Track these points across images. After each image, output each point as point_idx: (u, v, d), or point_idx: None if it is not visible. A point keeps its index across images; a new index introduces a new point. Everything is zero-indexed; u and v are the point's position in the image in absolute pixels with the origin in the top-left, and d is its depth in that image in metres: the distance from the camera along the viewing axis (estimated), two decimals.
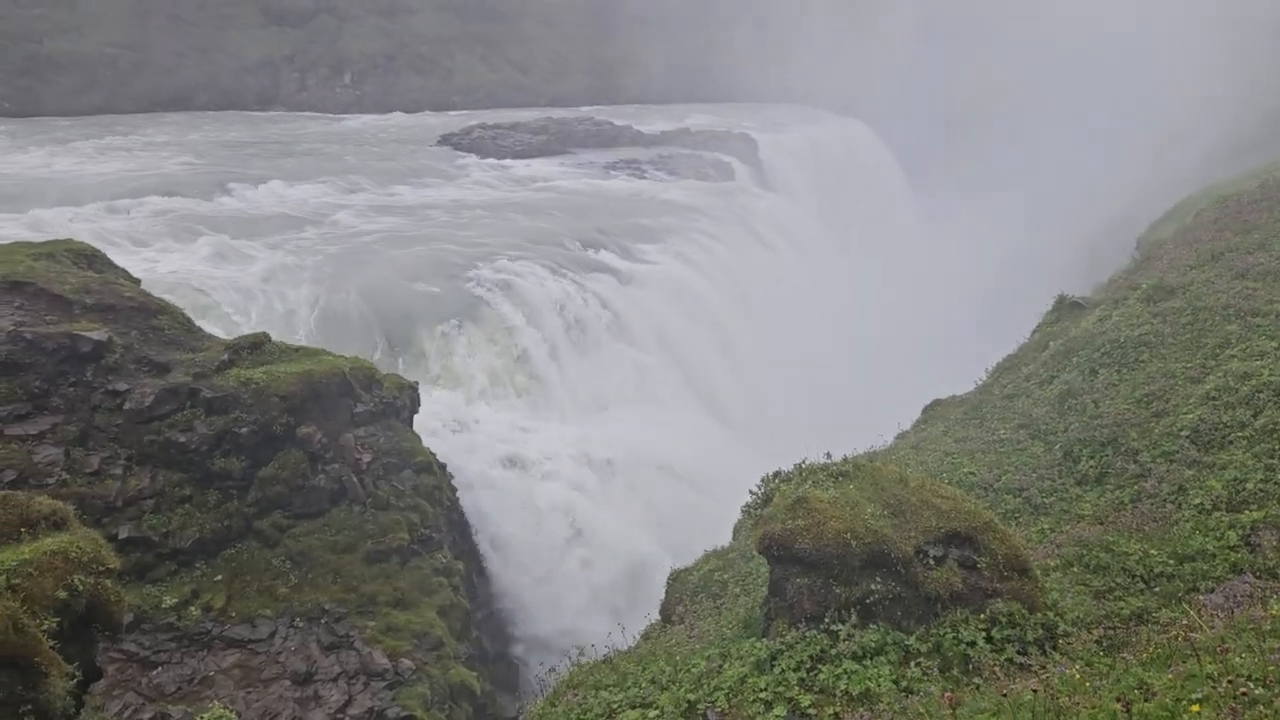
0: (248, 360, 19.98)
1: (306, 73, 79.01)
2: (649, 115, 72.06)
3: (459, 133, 59.97)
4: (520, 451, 24.93)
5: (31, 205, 35.96)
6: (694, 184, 49.37)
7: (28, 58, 68.92)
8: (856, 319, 42.52)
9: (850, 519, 9.71)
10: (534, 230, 36.98)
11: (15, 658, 7.48)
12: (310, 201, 40.45)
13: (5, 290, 19.19)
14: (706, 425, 32.51)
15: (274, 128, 64.41)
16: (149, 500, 17.86)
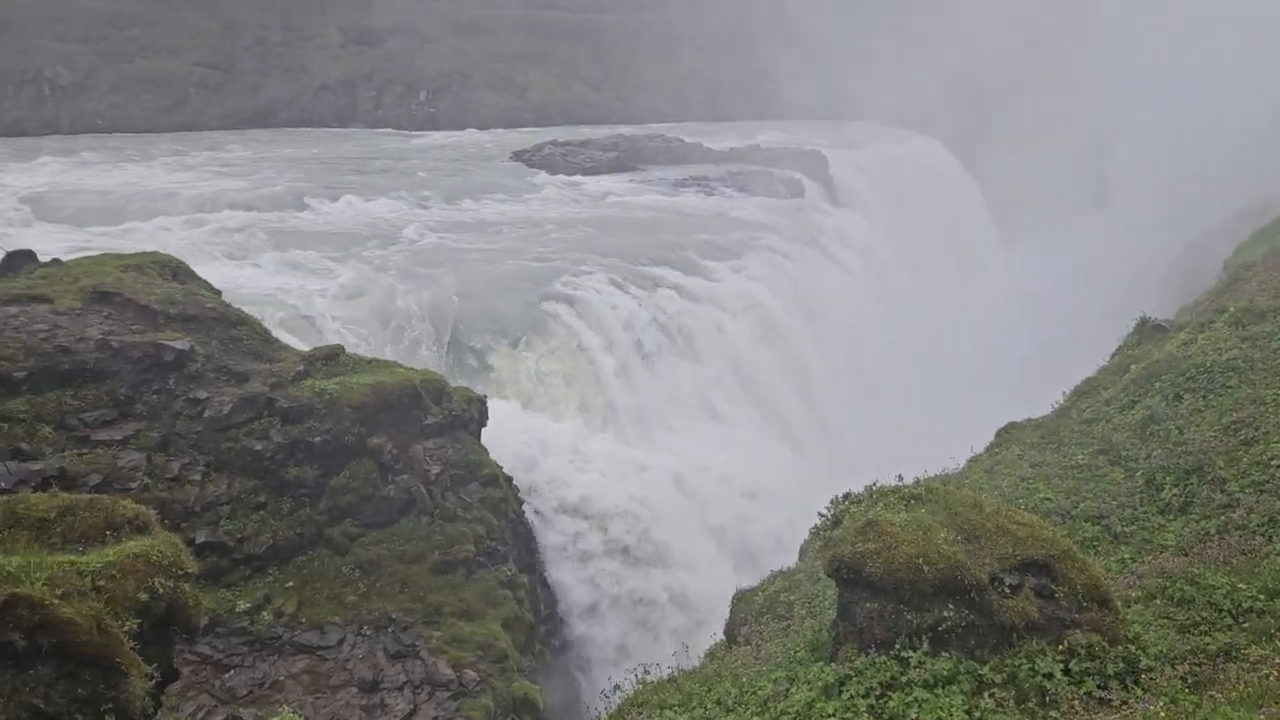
0: (322, 371, 20.40)
1: (383, 90, 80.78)
2: (720, 132, 72.09)
3: (531, 149, 60.69)
4: (585, 466, 24.99)
5: (122, 218, 37.32)
6: (764, 201, 49.18)
7: (121, 76, 71.67)
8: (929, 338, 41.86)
9: (922, 543, 9.50)
10: (603, 246, 37.17)
11: (98, 657, 7.67)
12: (384, 216, 41.26)
13: (95, 300, 19.90)
14: (772, 444, 32.25)
15: (351, 144, 65.93)
16: (225, 506, 18.29)
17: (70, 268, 21.45)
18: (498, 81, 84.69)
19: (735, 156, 60.77)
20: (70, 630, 7.51)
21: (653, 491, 24.98)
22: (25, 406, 17.02)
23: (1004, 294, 51.67)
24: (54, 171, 48.71)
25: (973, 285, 53.76)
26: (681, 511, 25.70)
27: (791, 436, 33.37)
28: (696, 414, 31.31)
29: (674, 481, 25.79)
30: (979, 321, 46.04)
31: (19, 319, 18.51)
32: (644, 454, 26.47)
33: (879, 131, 77.95)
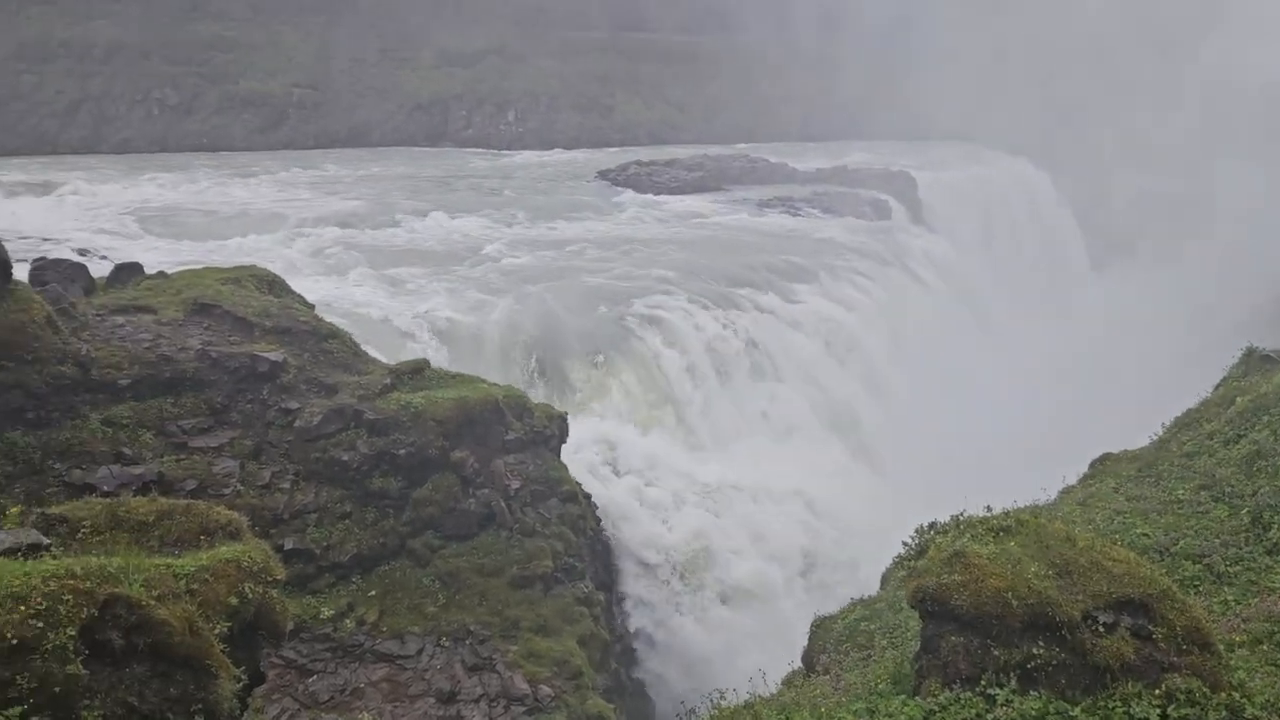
0: (408, 385, 20.79)
1: (473, 110, 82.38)
2: (806, 152, 71.67)
3: (616, 169, 61.18)
4: (664, 485, 24.94)
5: (222, 232, 38.74)
6: (850, 222, 48.69)
7: (224, 97, 74.54)
8: (1019, 364, 40.79)
9: (1011, 577, 9.21)
10: (686, 266, 37.20)
11: (190, 658, 7.89)
12: (471, 233, 41.99)
13: (195, 311, 20.65)
14: (854, 468, 31.76)
15: (441, 163, 67.35)
16: (312, 515, 18.73)
17: (173, 280, 22.31)
18: (584, 102, 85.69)
19: (821, 177, 60.32)
20: (165, 631, 7.75)
21: (730, 511, 24.80)
22: (129, 413, 17.71)
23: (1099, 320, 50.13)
24: (160, 187, 50.83)
25: (1065, 310, 52.28)
26: (758, 533, 25.44)
27: (872, 459, 32.84)
28: (776, 434, 31.04)
29: (752, 502, 25.57)
30: (1072, 348, 44.72)
31: (125, 328, 19.30)
32: (722, 473, 26.31)
33: (968, 152, 76.59)
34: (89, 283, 21.32)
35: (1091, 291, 57.98)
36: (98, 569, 7.62)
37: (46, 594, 7.21)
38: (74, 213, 42.22)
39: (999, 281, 52.04)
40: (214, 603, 8.36)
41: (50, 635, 7.10)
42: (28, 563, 7.58)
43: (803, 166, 62.62)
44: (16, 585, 7.20)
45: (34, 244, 32.58)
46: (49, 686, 7.11)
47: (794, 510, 26.31)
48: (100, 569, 7.65)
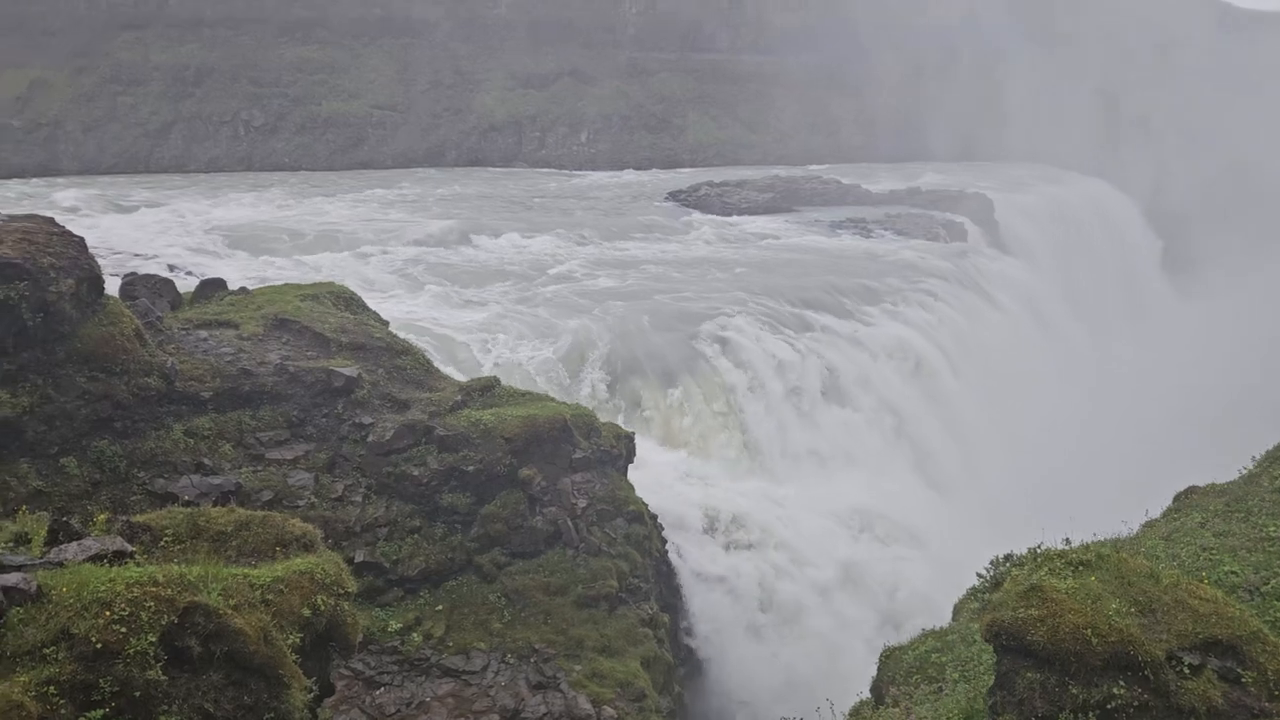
0: (478, 402, 21.03)
1: (547, 131, 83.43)
2: (878, 174, 71.03)
3: (687, 190, 61.30)
4: (731, 507, 24.76)
5: (303, 249, 39.75)
6: (923, 244, 48.01)
7: (308, 118, 76.70)
8: (1099, 393, 39.68)
9: (1091, 613, 8.93)
10: (756, 287, 37.04)
11: (264, 667, 8.06)
12: (543, 253, 42.41)
13: (275, 327, 21.19)
14: (924, 494, 31.16)
15: (514, 183, 68.27)
16: (383, 528, 19.02)
17: (255, 296, 22.93)
18: (656, 123, 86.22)
19: (894, 199, 59.68)
20: (241, 640, 7.92)
21: (798, 536, 24.51)
22: (210, 424, 18.21)
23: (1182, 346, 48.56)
24: (245, 205, 52.42)
25: (1147, 336, 50.77)
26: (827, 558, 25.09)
27: (943, 486, 32.18)
28: (845, 458, 30.61)
29: (820, 526, 25.24)
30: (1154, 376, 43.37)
31: (208, 342, 19.89)
32: (790, 496, 26.03)
33: (1045, 173, 75.13)
34: (175, 297, 22.03)
35: (1173, 316, 56.23)
36: (178, 577, 7.84)
37: (130, 600, 7.43)
38: (163, 229, 43.75)
39: (1076, 305, 50.80)
40: (288, 613, 8.52)
41: (132, 640, 7.31)
42: (113, 569, 7.83)
43: (875, 188, 62.03)
44: (102, 591, 7.43)
45: (124, 259, 33.81)
46: (129, 691, 7.31)
47: (863, 537, 25.89)
48: (181, 577, 7.87)
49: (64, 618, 7.21)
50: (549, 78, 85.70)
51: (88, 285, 17.44)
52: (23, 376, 16.24)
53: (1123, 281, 59.37)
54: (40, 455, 16.26)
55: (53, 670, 7.03)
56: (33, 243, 17.01)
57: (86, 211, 47.01)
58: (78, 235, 18.05)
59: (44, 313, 16.36)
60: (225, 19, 77.24)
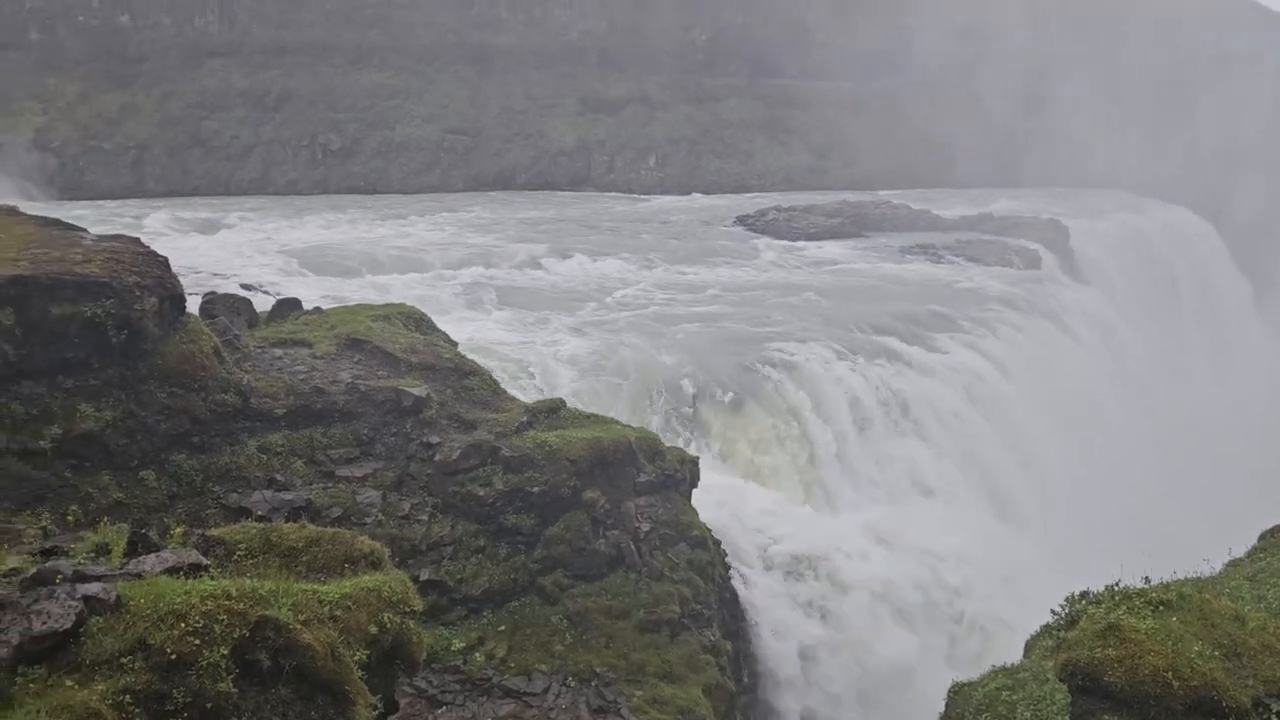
0: (544, 423, 21.15)
1: (615, 156, 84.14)
2: (949, 199, 70.11)
3: (754, 214, 61.19)
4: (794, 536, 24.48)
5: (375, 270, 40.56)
6: (996, 271, 47.20)
7: (383, 142, 78.48)
8: (1180, 427, 38.45)
9: (1172, 655, 8.61)
10: (823, 312, 36.77)
11: (331, 683, 8.16)
12: (611, 276, 42.66)
13: (348, 346, 21.61)
14: (995, 526, 30.48)
15: (583, 207, 68.90)
16: (448, 547, 19.18)
17: (328, 315, 23.45)
18: (723, 148, 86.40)
19: (966, 225, 58.81)
20: (309, 655, 8.03)
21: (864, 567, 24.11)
22: (283, 441, 18.60)
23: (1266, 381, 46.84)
24: (320, 227, 53.74)
25: (1229, 369, 49.09)
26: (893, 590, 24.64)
27: (1015, 519, 31.45)
28: (914, 488, 30.11)
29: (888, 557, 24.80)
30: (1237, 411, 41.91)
31: (283, 361, 20.36)
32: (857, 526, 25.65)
33: (1122, 200, 73.42)
34: (252, 316, 22.61)
35: (1258, 350, 54.31)
36: (251, 591, 7.99)
37: (204, 613, 7.60)
38: (242, 249, 45.04)
39: (1156, 337, 49.39)
40: (355, 630, 8.63)
41: (205, 652, 7.46)
42: (188, 581, 8.01)
43: (946, 213, 61.23)
44: (177, 603, 7.61)
45: (205, 278, 34.83)
46: (201, 702, 7.46)
47: (931, 569, 25.37)
48: (253, 591, 8.02)
49: (141, 628, 7.39)
50: (618, 103, 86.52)
51: (170, 304, 18.00)
52: (107, 391, 16.79)
53: (1206, 313, 57.59)
54: (121, 468, 16.77)
55: (129, 680, 7.20)
56: (119, 262, 17.64)
57: (170, 232, 48.62)
58: (162, 255, 18.67)
59: (128, 330, 16.92)
60: (305, 46, 79.56)
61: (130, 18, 75.76)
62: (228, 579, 8.27)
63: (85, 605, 7.40)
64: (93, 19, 74.98)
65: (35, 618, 7.24)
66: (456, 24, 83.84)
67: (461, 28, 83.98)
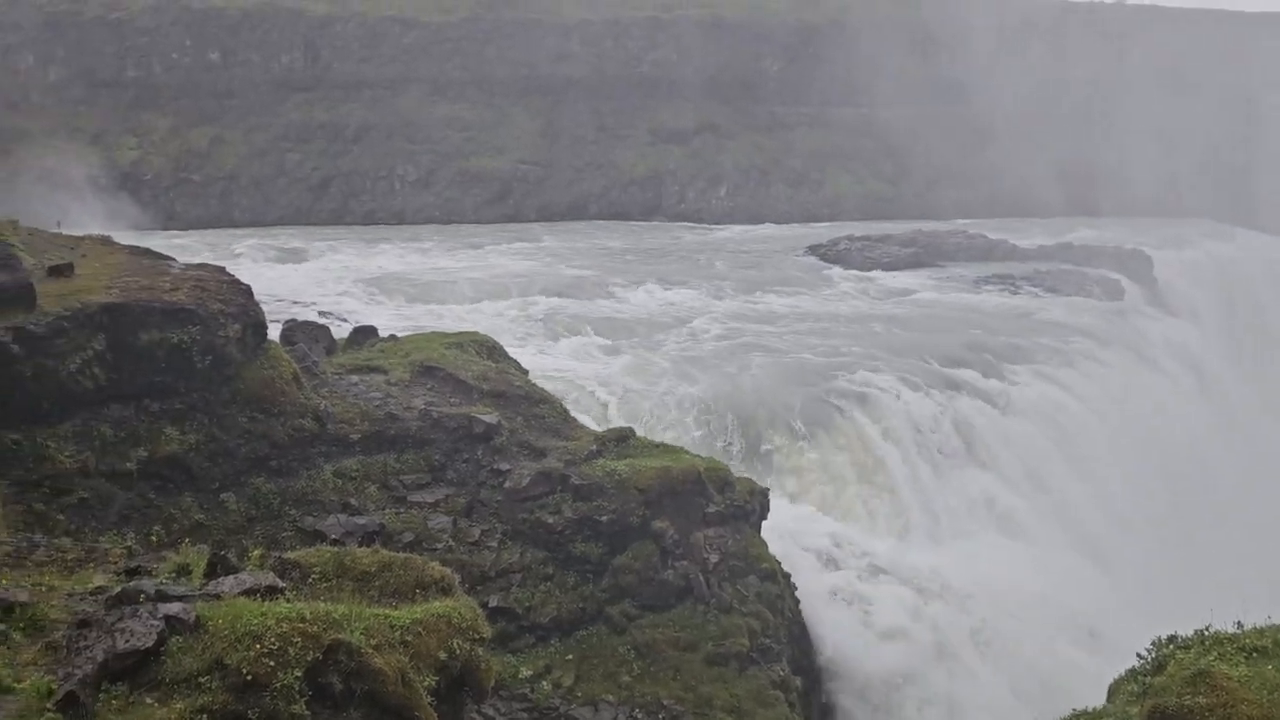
0: (613, 452, 21.17)
1: (686, 185, 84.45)
2: (1027, 229, 68.75)
3: (826, 244, 60.74)
4: (866, 571, 24.04)
5: (449, 298, 41.24)
6: (1076, 302, 46.05)
7: (457, 173, 79.97)
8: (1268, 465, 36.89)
9: (1268, 705, 8.21)
10: (896, 343, 36.25)
11: (401, 709, 8.21)
12: (681, 305, 42.68)
13: (421, 374, 21.95)
14: (1074, 563, 29.52)
15: (653, 236, 69.21)
16: (517, 574, 19.25)
17: (403, 343, 23.87)
18: (794, 177, 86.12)
19: (1044, 254, 57.55)
20: (380, 680, 8.10)
21: (937, 607, 23.53)
22: (357, 466, 18.93)
23: None
24: (396, 256, 54.88)
25: None
26: (967, 626, 24.00)
27: (1097, 557, 30.41)
28: (989, 523, 29.37)
29: (962, 596, 24.17)
30: None
31: (358, 387, 20.76)
32: (930, 563, 25.07)
33: (1210, 229, 71.21)
34: (330, 343, 23.14)
35: None
36: (324, 615, 8.11)
37: (279, 635, 7.72)
38: (321, 277, 46.20)
39: (1246, 371, 47.59)
40: (425, 656, 8.69)
41: (280, 674, 7.58)
42: (264, 604, 8.16)
43: (1024, 243, 60.06)
44: (254, 624, 7.75)
45: (285, 306, 35.76)
46: None
47: (1006, 606, 24.66)
48: (326, 615, 8.14)
49: (218, 648, 7.53)
50: (689, 133, 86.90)
51: (252, 330, 18.53)
52: (190, 415, 17.31)
53: None
54: (203, 490, 17.22)
55: (206, 699, 7.34)
56: (205, 290, 18.23)
57: (253, 260, 50.10)
58: (245, 283, 19.26)
59: (212, 355, 17.44)
60: (384, 80, 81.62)
61: (220, 55, 78.67)
62: (303, 602, 8.41)
63: (166, 625, 7.58)
64: (185, 57, 78.03)
65: (119, 636, 7.43)
66: (530, 58, 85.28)
67: (535, 61, 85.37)
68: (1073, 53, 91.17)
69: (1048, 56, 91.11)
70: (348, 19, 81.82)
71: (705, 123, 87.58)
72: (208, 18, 78.29)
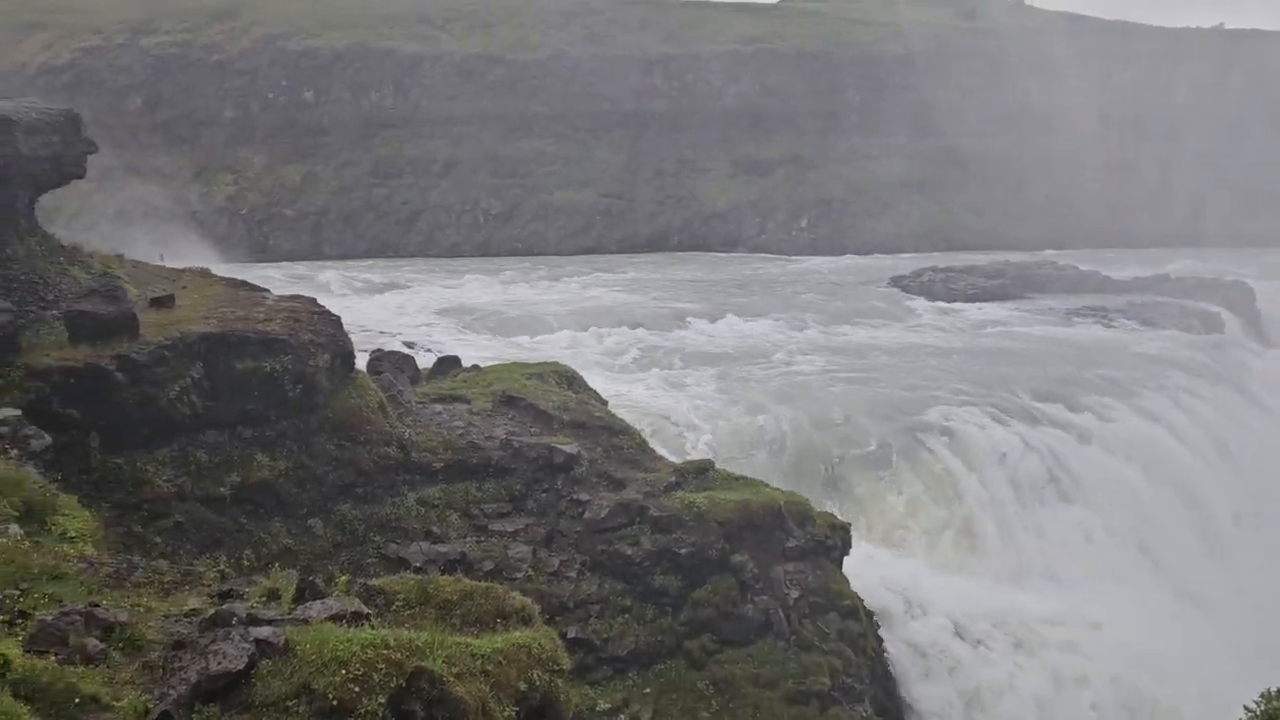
0: (692, 484, 21.06)
1: (767, 217, 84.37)
2: (1120, 259, 66.84)
3: (909, 275, 59.94)
4: (952, 611, 23.38)
5: (530, 329, 41.77)
6: (1173, 335, 44.50)
7: (540, 206, 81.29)
8: None
9: None
10: (982, 376, 35.43)
11: None
12: (760, 336, 42.47)
13: (503, 403, 22.20)
14: (1174, 609, 28.27)
15: (734, 268, 69.15)
16: (595, 605, 19.21)
17: (485, 373, 24.21)
18: (877, 208, 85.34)
19: (1139, 286, 55.85)
20: (461, 709, 8.14)
21: (1030, 652, 22.75)
22: (439, 494, 19.19)
23: None
24: (480, 288, 55.85)
25: None
26: (1059, 672, 23.13)
27: (1197, 601, 29.07)
28: (1081, 564, 28.32)
29: (1055, 641, 23.32)
30: None
31: (442, 416, 21.08)
32: (1019, 605, 24.27)
33: None
34: (415, 373, 23.58)
35: None
36: (408, 642, 8.19)
37: (364, 661, 7.82)
38: (407, 308, 47.25)
39: None
40: (505, 686, 8.70)
41: (364, 700, 7.66)
42: (350, 630, 8.28)
43: (1117, 274, 58.39)
44: (340, 650, 7.86)
45: (372, 336, 36.61)
46: None
47: (1104, 654, 23.70)
48: (410, 642, 8.21)
49: (306, 673, 7.66)
50: (770, 164, 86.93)
51: (341, 360, 19.02)
52: (281, 442, 17.78)
53: None
54: (291, 516, 17.64)
55: None
56: (297, 321, 18.79)
57: (343, 292, 51.51)
58: (335, 314, 19.80)
59: (302, 384, 17.93)
60: (471, 116, 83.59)
61: (314, 94, 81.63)
62: (387, 629, 8.50)
63: (257, 648, 7.74)
64: (281, 96, 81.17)
65: (212, 658, 7.61)
66: (613, 92, 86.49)
67: (618, 96, 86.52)
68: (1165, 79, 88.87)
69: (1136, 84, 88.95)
70: (436, 58, 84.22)
71: (787, 154, 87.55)
72: (302, 58, 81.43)
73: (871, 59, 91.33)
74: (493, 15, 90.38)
